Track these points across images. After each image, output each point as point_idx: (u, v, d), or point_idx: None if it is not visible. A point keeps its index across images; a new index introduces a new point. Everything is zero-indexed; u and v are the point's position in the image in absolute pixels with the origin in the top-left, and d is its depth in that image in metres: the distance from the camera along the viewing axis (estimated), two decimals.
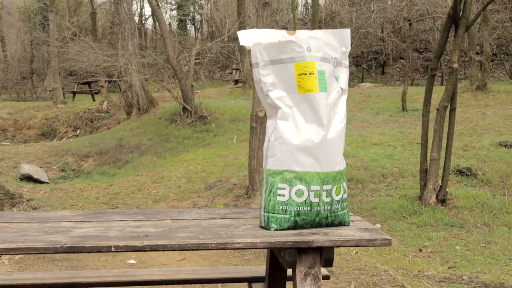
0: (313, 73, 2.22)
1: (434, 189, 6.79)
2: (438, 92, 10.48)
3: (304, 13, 30.68)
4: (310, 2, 27.00)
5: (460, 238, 6.07)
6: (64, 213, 2.72)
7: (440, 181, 6.86)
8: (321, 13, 22.84)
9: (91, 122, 17.48)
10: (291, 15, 24.76)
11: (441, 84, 18.22)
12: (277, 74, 2.26)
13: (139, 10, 37.02)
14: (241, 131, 12.46)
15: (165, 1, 32.97)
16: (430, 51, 22.66)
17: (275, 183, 2.23)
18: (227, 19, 26.43)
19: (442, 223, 6.41)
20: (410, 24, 13.32)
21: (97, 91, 22.62)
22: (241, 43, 2.32)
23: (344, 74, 2.37)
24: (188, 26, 34.53)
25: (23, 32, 31.65)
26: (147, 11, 39.78)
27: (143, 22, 36.12)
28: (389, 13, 19.74)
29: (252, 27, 21.06)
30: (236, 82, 22.97)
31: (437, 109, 6.77)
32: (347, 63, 2.41)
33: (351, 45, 2.40)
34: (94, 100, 22.44)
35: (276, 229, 2.23)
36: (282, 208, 2.22)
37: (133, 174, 9.73)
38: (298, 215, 2.22)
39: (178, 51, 14.33)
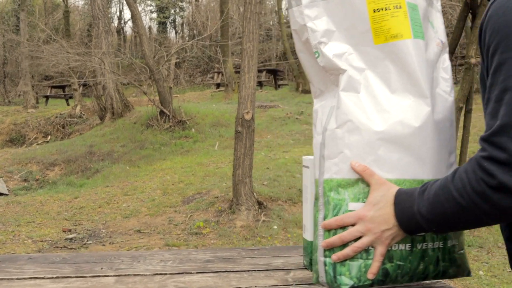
0: (400, 7, 1.24)
1: None
2: None
3: (289, 16, 29.92)
4: None
5: (482, 261, 5.29)
6: None
7: None
8: None
9: (63, 127, 16.37)
10: (275, 20, 23.98)
11: None
12: (334, 15, 1.29)
13: (118, 13, 36.04)
14: (224, 137, 11.54)
15: (144, 3, 32.03)
16: None
17: (342, 204, 1.23)
18: (209, 22, 25.54)
19: None
20: None
21: (71, 95, 21.58)
22: None
23: (439, 21, 1.39)
24: (168, 29, 33.56)
25: None
26: (127, 14, 38.78)
27: (122, 25, 35.11)
28: None
29: (236, 28, 20.23)
30: (218, 85, 21.99)
31: None
32: (439, 5, 1.44)
33: None
34: (68, 104, 21.39)
35: (353, 287, 1.21)
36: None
37: (103, 185, 8.72)
38: (390, 259, 1.22)
39: (155, 50, 13.33)
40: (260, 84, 20.00)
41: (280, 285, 1.44)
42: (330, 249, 1.24)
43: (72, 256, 1.77)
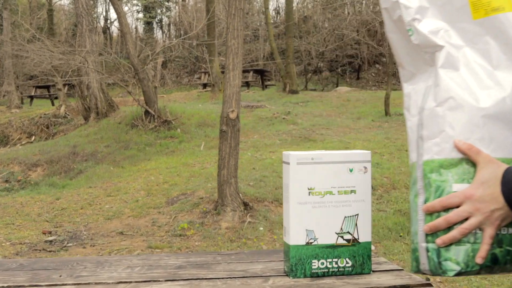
0: None
1: None
2: None
3: (276, 17, 29.81)
4: (282, 6, 26.20)
5: None
6: None
7: None
8: (294, 15, 21.88)
9: (47, 128, 16.09)
10: (262, 20, 23.88)
11: None
12: None
13: (104, 13, 35.76)
14: (210, 137, 11.39)
15: (130, 3, 31.77)
16: None
17: (445, 185, 1.14)
18: (195, 22, 25.37)
19: None
20: None
21: (56, 95, 21.30)
22: None
23: None
24: (155, 29, 33.31)
25: None
26: (113, 14, 38.49)
27: (108, 25, 34.81)
28: (365, 14, 18.95)
29: (222, 28, 20.09)
30: (205, 86, 21.79)
31: None
32: None
33: (325, 47, 1.29)
34: (53, 105, 21.09)
35: (460, 272, 1.12)
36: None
37: (85, 186, 8.53)
38: (499, 244, 1.12)
39: (141, 49, 13.14)
40: (247, 84, 19.87)
41: None
42: (433, 234, 1.14)
43: (31, 262, 1.61)
